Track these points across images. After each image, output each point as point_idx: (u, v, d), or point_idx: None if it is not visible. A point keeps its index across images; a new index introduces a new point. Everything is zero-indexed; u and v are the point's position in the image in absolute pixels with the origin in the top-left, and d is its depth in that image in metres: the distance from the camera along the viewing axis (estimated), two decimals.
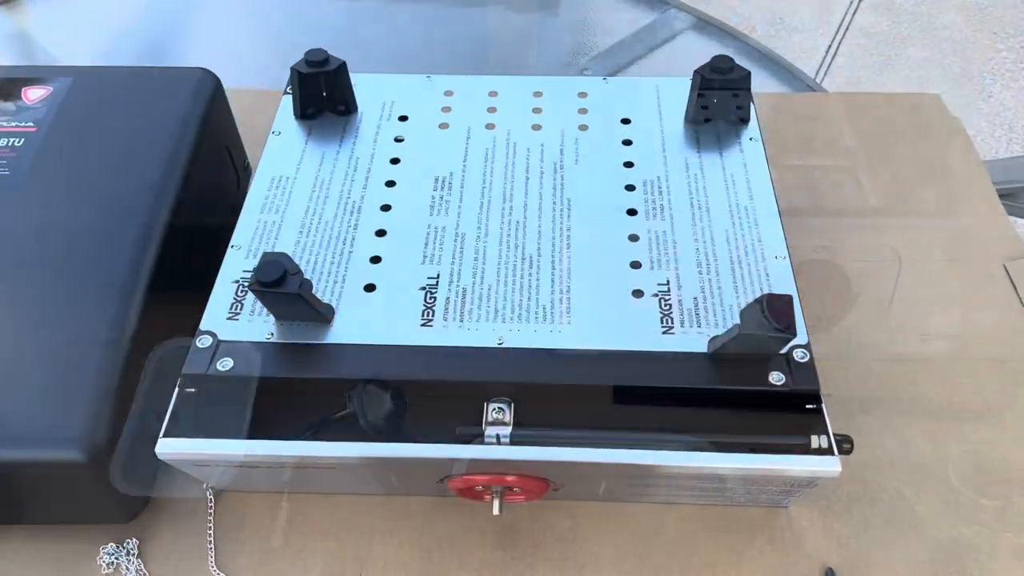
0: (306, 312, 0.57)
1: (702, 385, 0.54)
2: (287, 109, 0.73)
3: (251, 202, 0.66)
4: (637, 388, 0.55)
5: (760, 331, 0.52)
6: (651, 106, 0.74)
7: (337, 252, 0.62)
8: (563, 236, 0.63)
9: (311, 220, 0.64)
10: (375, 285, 0.60)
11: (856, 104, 0.91)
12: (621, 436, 0.54)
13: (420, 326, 0.57)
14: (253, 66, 1.01)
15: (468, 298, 0.59)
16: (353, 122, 0.72)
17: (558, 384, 0.54)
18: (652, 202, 0.65)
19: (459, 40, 1.06)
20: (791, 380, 0.54)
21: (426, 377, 0.55)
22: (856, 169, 0.84)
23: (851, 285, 0.75)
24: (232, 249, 0.62)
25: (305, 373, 0.55)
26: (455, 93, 0.75)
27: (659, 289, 0.59)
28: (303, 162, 0.69)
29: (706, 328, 0.57)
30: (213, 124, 0.72)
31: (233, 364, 0.55)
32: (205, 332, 0.57)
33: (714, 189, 0.66)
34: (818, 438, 0.53)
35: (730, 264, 0.61)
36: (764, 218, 0.64)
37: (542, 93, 0.75)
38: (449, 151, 0.68)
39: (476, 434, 0.54)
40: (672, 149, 0.70)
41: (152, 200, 0.64)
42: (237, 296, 0.59)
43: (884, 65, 2.11)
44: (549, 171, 0.68)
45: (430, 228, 0.63)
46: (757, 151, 0.69)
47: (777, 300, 0.53)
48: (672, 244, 0.62)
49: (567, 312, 0.58)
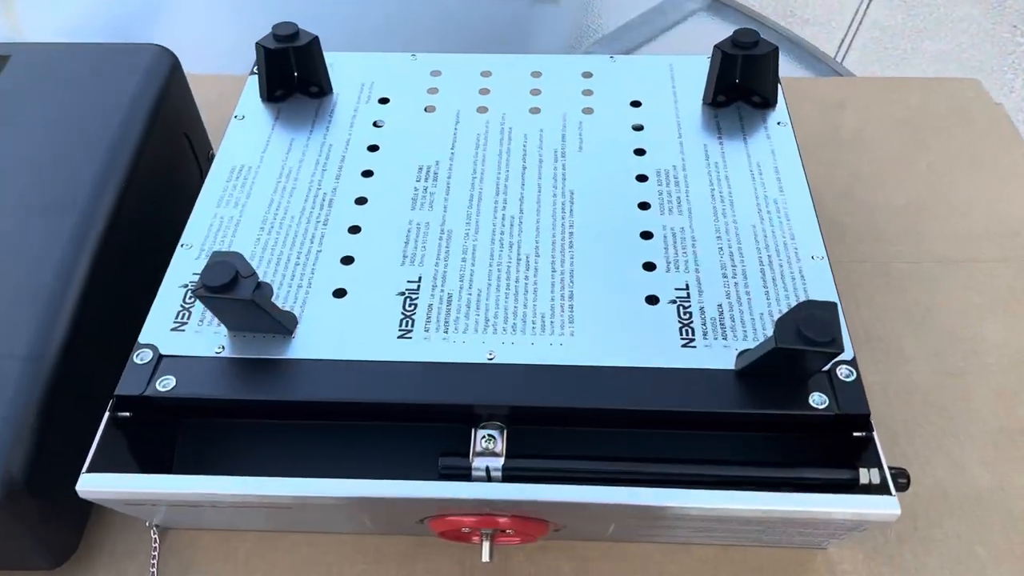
0: (263, 322, 0.48)
1: (729, 408, 0.46)
2: (253, 91, 0.65)
3: (206, 194, 0.57)
4: (652, 412, 0.47)
5: (800, 345, 0.44)
6: (664, 87, 0.65)
7: (303, 252, 0.54)
8: (565, 234, 0.54)
9: (275, 215, 0.56)
10: (346, 290, 0.51)
11: (888, 89, 0.82)
12: (634, 470, 0.46)
13: (397, 338, 0.49)
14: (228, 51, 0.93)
15: (454, 305, 0.51)
16: (327, 105, 0.64)
17: (559, 407, 0.47)
18: (667, 194, 0.57)
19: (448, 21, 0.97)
20: (835, 403, 0.46)
21: (403, 399, 0.47)
22: (890, 160, 0.75)
23: (889, 289, 0.66)
24: (181, 248, 0.54)
25: (259, 394, 0.47)
26: (443, 73, 0.67)
27: (677, 295, 0.51)
28: (268, 149, 0.60)
29: (733, 341, 0.49)
30: (169, 107, 0.64)
31: (175, 383, 0.47)
32: (144, 345, 0.49)
33: (738, 179, 0.58)
34: (868, 472, 0.45)
35: (759, 265, 0.52)
36: (797, 212, 0.56)
37: (541, 73, 0.67)
38: (435, 137, 0.61)
39: (462, 468, 0.46)
40: (689, 135, 0.61)
41: (91, 192, 0.56)
42: (185, 303, 0.51)
43: (900, 59, 2.03)
44: (549, 159, 0.60)
45: (412, 224, 0.55)
46: (786, 137, 0.61)
47: (819, 309, 0.44)
48: (691, 242, 0.54)
49: (569, 322, 0.49)
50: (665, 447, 0.48)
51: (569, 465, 0.47)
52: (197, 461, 0.49)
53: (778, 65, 0.63)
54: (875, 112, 0.80)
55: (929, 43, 2.07)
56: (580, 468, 0.46)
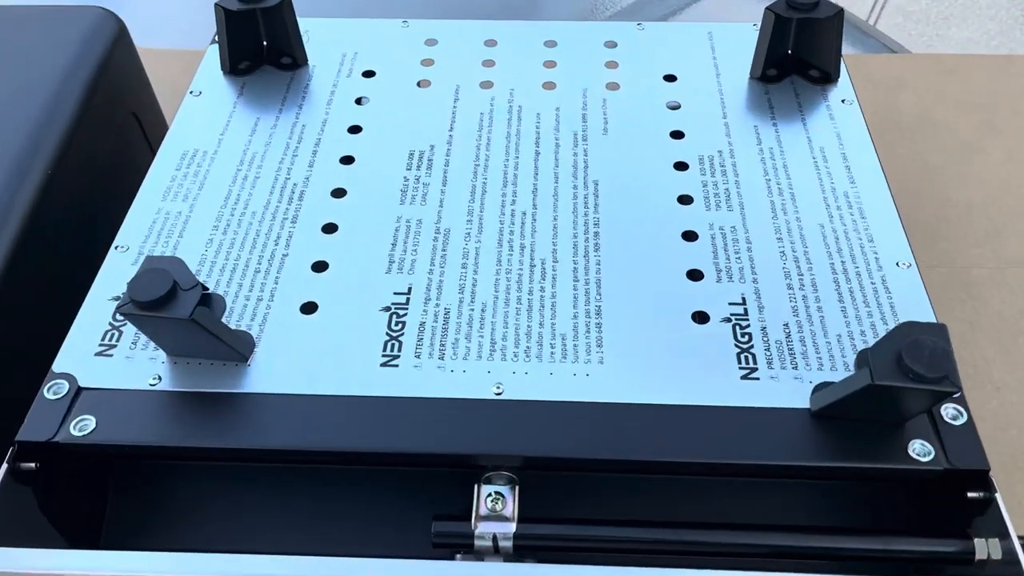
0: (211, 346, 0.38)
1: (806, 461, 0.36)
2: (213, 62, 0.55)
3: (149, 185, 0.48)
4: (705, 465, 0.37)
5: (903, 382, 0.33)
6: (704, 58, 0.55)
7: (265, 256, 0.44)
8: (589, 234, 0.44)
9: (232, 211, 0.46)
10: (317, 304, 0.42)
11: (950, 68, 0.71)
12: (681, 539, 0.36)
13: (380, 366, 0.39)
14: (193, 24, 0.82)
15: (452, 323, 0.41)
16: (300, 79, 0.54)
17: (586, 459, 0.37)
18: (713, 186, 0.47)
19: None
20: (943, 453, 0.36)
21: (386, 447, 0.37)
22: (960, 148, 0.65)
23: (969, 299, 0.56)
24: (115, 251, 0.44)
25: (203, 440, 0.37)
26: (440, 42, 0.57)
27: (732, 311, 0.41)
28: (228, 131, 0.50)
29: (805, 371, 0.39)
30: (113, 82, 0.54)
31: (95, 425, 0.37)
32: (59, 376, 0.39)
33: (799, 168, 0.48)
34: (987, 543, 0.35)
35: (831, 274, 0.42)
36: (874, 208, 0.46)
37: (556, 43, 0.57)
38: (430, 117, 0.52)
39: (462, 536, 0.36)
40: (736, 114, 0.51)
41: (7, 181, 0.45)
42: (114, 321, 0.41)
43: (925, 46, 1.92)
44: (568, 144, 0.49)
45: (400, 222, 0.45)
46: (854, 117, 0.51)
47: (925, 334, 0.34)
48: (745, 245, 0.44)
49: (597, 346, 0.39)
50: (720, 505, 0.38)
51: (598, 533, 0.37)
52: (134, 520, 0.40)
53: (842, 32, 0.52)
54: (938, 93, 0.69)
55: (955, 30, 1.97)
56: (612, 537, 0.36)
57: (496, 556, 0.36)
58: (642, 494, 0.39)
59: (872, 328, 0.40)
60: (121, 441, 0.37)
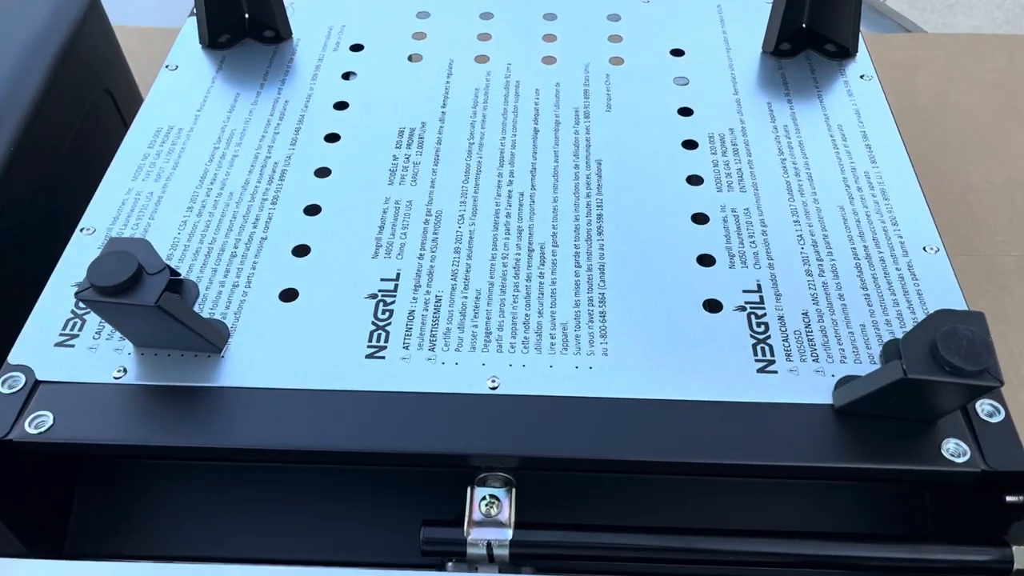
0: (181, 336, 0.35)
1: (830, 462, 0.34)
2: (191, 35, 0.52)
3: (119, 164, 0.45)
4: (718, 466, 0.34)
5: (939, 376, 0.31)
6: (712, 32, 0.52)
7: (243, 239, 0.41)
8: (591, 216, 0.42)
9: (208, 191, 0.43)
10: (297, 291, 0.39)
11: (968, 48, 0.68)
12: (692, 547, 0.34)
13: (366, 357, 0.36)
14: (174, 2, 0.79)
15: (444, 312, 0.38)
16: (284, 53, 0.51)
17: (588, 459, 0.34)
18: (724, 165, 0.44)
19: None
20: (979, 454, 0.33)
21: (370, 447, 0.34)
22: (981, 131, 0.62)
23: (993, 288, 0.53)
24: (80, 234, 0.42)
25: (171, 439, 0.35)
26: (432, 14, 0.55)
27: (746, 299, 0.38)
28: (206, 107, 0.48)
29: (827, 363, 0.36)
30: (82, 54, 0.51)
31: (53, 422, 0.34)
32: (15, 367, 0.36)
33: (816, 147, 0.45)
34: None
35: (853, 259, 0.39)
36: (898, 190, 0.43)
37: (556, 15, 0.54)
38: (421, 93, 0.50)
39: (453, 543, 0.34)
40: (747, 90, 0.48)
41: None
42: (77, 309, 0.38)
43: None
44: (568, 121, 0.47)
45: (388, 203, 0.42)
46: (874, 94, 0.48)
47: (962, 322, 0.31)
48: (760, 228, 0.41)
49: (601, 336, 0.37)
50: (735, 510, 0.36)
51: (600, 540, 0.34)
52: (101, 524, 0.37)
53: (860, 4, 0.49)
54: (956, 74, 0.67)
55: (962, 17, 1.94)
56: (615, 544, 0.34)
57: (491, 565, 0.34)
58: (649, 497, 0.36)
59: (899, 317, 0.37)
60: (82, 439, 0.34)
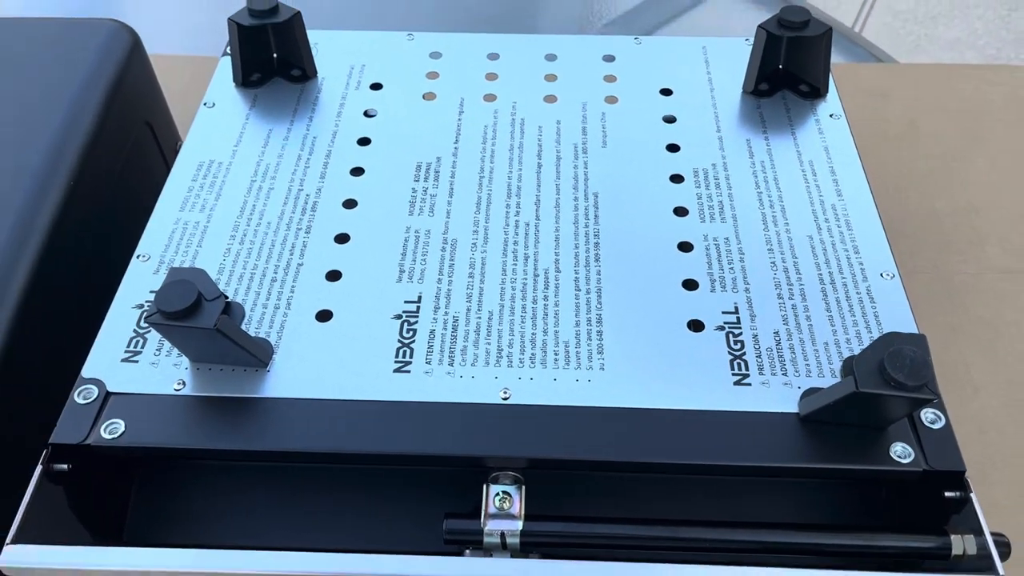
0: (232, 353, 0.40)
1: (795, 462, 0.39)
2: (225, 74, 0.57)
3: (168, 195, 0.49)
4: (700, 466, 0.39)
5: (886, 390, 0.36)
6: (698, 72, 0.57)
7: (281, 265, 0.46)
8: (589, 244, 0.46)
9: (248, 221, 0.48)
10: (331, 312, 0.43)
11: (937, 77, 0.74)
12: (676, 535, 0.39)
13: (393, 371, 0.41)
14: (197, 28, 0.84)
15: (461, 331, 0.43)
16: (311, 91, 0.56)
17: (588, 460, 0.39)
18: (707, 198, 0.49)
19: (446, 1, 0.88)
20: (922, 455, 0.38)
21: (400, 450, 0.39)
22: (946, 157, 0.67)
23: (951, 305, 0.58)
24: (137, 260, 0.46)
25: (227, 443, 0.39)
26: (444, 55, 0.59)
27: (725, 319, 0.43)
28: (242, 142, 0.52)
29: (794, 376, 0.41)
30: (128, 91, 0.55)
31: (125, 429, 0.39)
32: (88, 381, 0.41)
33: (789, 181, 0.50)
34: (963, 540, 0.37)
35: (819, 284, 0.44)
36: (860, 221, 0.48)
37: (556, 56, 0.59)
38: (436, 129, 0.54)
39: (472, 533, 0.38)
40: (729, 128, 0.53)
41: (31, 192, 0.47)
42: (139, 328, 0.43)
43: (913, 45, 1.94)
44: (568, 156, 0.52)
45: (409, 232, 0.47)
46: (841, 132, 0.53)
47: (906, 344, 0.36)
48: (738, 256, 0.46)
49: (598, 352, 0.41)
50: (713, 504, 0.41)
51: (600, 530, 0.39)
52: (155, 517, 0.42)
53: (831, 49, 0.55)
54: (925, 103, 0.72)
55: (943, 29, 1.99)
56: (613, 534, 0.39)
57: (504, 552, 0.38)
58: (641, 494, 0.41)
59: (857, 336, 0.43)
60: (148, 443, 0.39)
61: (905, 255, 0.61)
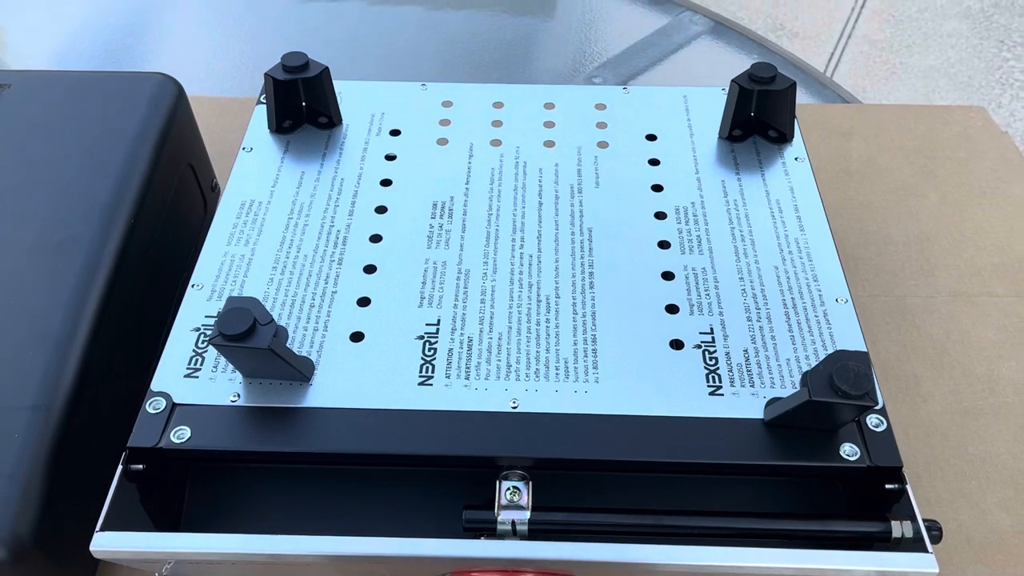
0: (281, 369, 0.47)
1: (760, 460, 0.45)
2: (260, 121, 0.63)
3: (216, 231, 0.56)
4: (681, 464, 0.46)
5: (833, 399, 0.43)
6: (680, 120, 0.64)
7: (318, 293, 0.52)
8: (585, 273, 0.53)
9: (287, 253, 0.54)
10: (363, 333, 0.50)
11: (895, 117, 0.82)
12: (662, 523, 0.45)
13: (418, 384, 0.48)
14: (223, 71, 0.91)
15: (475, 349, 0.49)
16: (337, 136, 0.62)
17: (585, 459, 0.45)
18: (687, 233, 0.56)
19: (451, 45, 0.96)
20: (867, 454, 0.45)
21: (425, 451, 0.45)
22: (901, 191, 0.75)
23: (904, 324, 0.66)
24: (192, 289, 0.52)
25: (276, 446, 0.46)
26: (454, 104, 0.66)
27: (702, 339, 0.50)
28: (279, 183, 0.59)
29: (760, 388, 0.48)
30: (174, 138, 0.62)
31: (190, 434, 0.46)
32: (157, 393, 0.47)
33: (758, 217, 0.57)
34: (901, 525, 0.44)
35: (783, 308, 0.52)
36: (819, 253, 0.55)
37: (554, 105, 0.66)
38: (449, 172, 0.59)
39: (487, 521, 0.44)
40: (706, 170, 0.60)
41: (98, 230, 0.54)
42: (197, 348, 0.49)
43: (889, 73, 2.04)
44: (566, 195, 0.59)
45: (428, 263, 0.54)
46: (805, 173, 0.60)
47: (852, 360, 0.44)
48: (713, 283, 0.53)
49: (594, 368, 0.48)
50: (693, 496, 0.47)
51: (596, 519, 0.45)
52: (207, 510, 0.48)
53: (795, 100, 0.62)
54: (884, 141, 0.79)
55: (918, 58, 2.09)
56: (607, 522, 0.45)
57: (514, 537, 0.44)
58: (631, 488, 0.47)
59: (815, 353, 0.50)
60: (210, 447, 0.45)
61: (864, 279, 0.68)
